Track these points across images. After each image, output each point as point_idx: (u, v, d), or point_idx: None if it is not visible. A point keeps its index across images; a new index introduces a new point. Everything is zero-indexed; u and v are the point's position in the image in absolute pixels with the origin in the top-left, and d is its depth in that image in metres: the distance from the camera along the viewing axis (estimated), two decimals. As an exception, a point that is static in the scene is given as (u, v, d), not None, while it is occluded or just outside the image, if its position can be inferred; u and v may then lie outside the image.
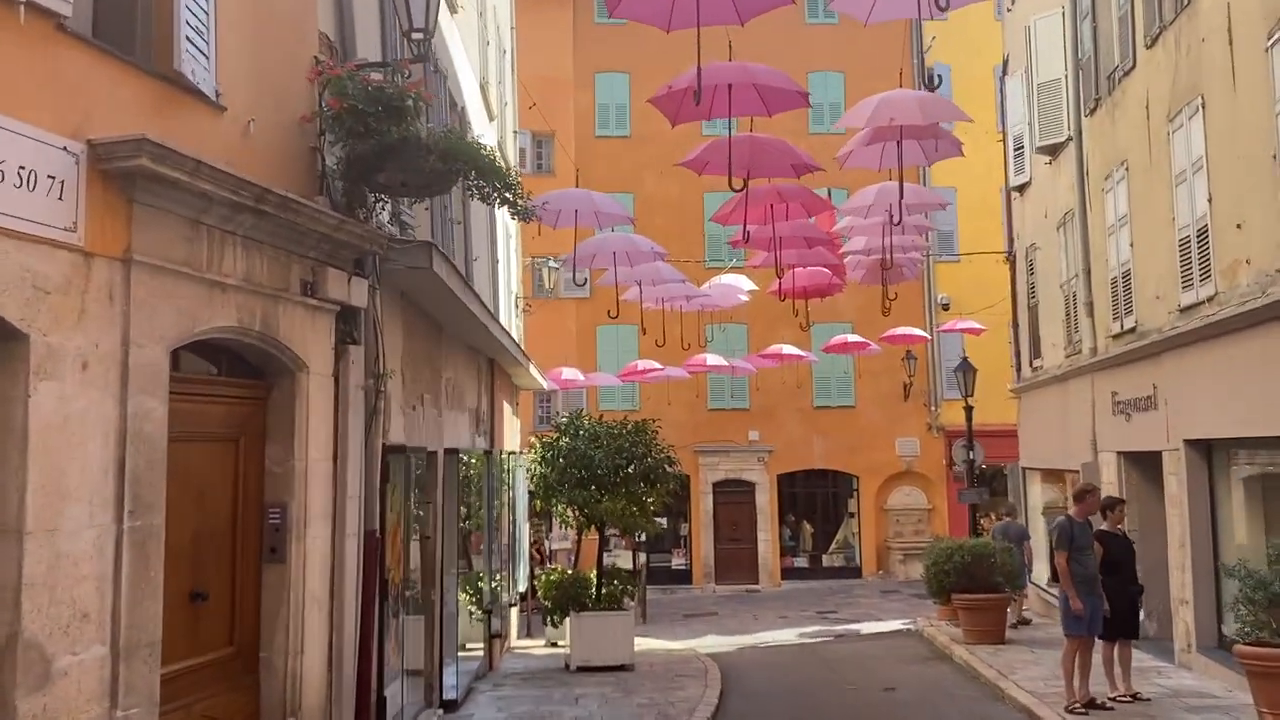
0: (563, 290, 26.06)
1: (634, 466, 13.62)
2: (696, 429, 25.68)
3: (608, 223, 9.31)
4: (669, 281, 11.40)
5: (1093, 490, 9.98)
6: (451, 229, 10.32)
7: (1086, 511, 9.70)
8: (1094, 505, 9.75)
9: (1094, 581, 9.36)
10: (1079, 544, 9.39)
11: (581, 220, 9.10)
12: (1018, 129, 17.84)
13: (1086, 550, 9.42)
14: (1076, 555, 9.34)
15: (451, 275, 7.80)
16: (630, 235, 10.37)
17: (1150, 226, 11.96)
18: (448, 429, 10.37)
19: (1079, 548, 9.38)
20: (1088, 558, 9.39)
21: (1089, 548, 9.47)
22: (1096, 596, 9.35)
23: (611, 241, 10.20)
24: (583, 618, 13.16)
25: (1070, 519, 9.64)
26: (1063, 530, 9.54)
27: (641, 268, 10.81)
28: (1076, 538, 9.38)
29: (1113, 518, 9.88)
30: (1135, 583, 9.83)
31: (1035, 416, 17.68)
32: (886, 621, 19.00)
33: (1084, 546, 9.42)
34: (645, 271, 10.98)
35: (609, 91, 26.25)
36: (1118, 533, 9.87)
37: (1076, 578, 9.31)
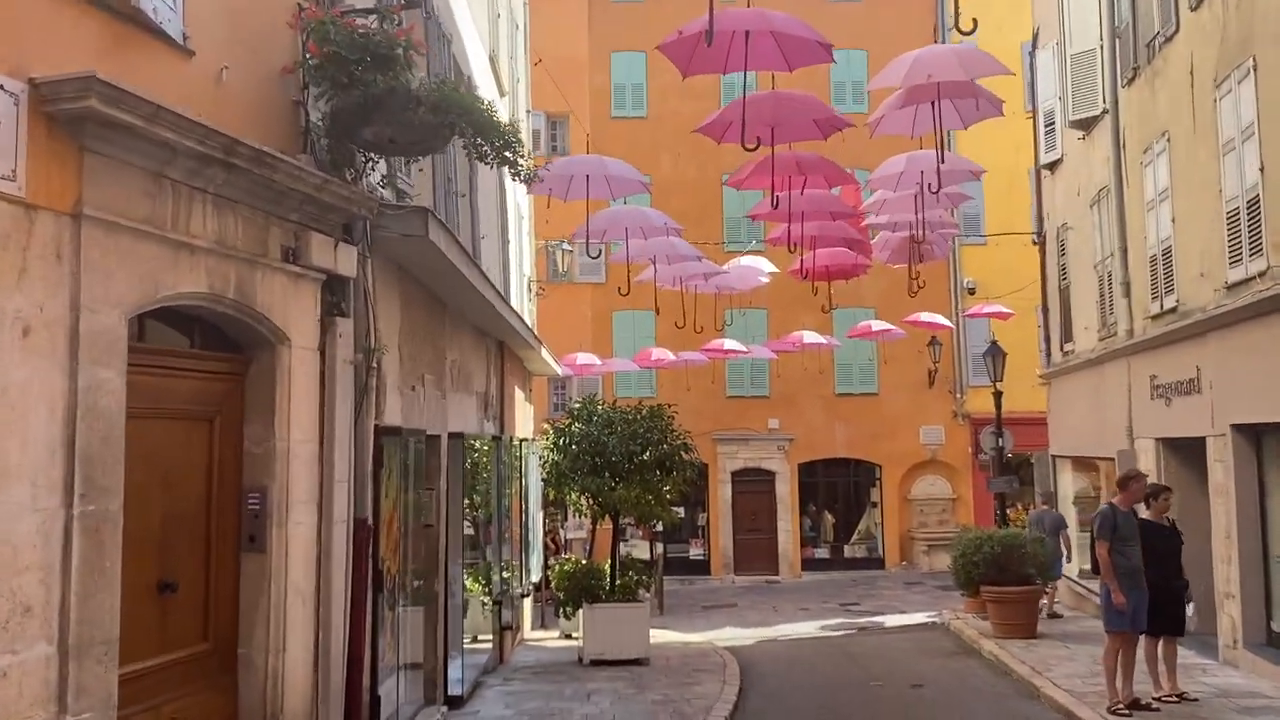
0: (578, 274, 25.56)
1: (649, 453, 13.13)
2: (715, 416, 25.12)
3: (621, 192, 8.77)
4: (686, 259, 10.83)
5: (1137, 476, 9.29)
6: (456, 202, 9.82)
7: (1131, 500, 9.08)
8: (1139, 493, 9.11)
9: (1138, 574, 8.77)
10: (1122, 534, 8.78)
11: (593, 189, 8.56)
12: (1048, 104, 17.18)
13: (1130, 541, 8.79)
14: (1119, 546, 8.74)
15: (451, 245, 7.29)
16: (643, 209, 9.82)
17: (1194, 200, 11.32)
18: (452, 412, 9.89)
19: (1122, 538, 8.77)
20: (1131, 549, 8.77)
21: (1133, 538, 8.81)
22: (1140, 590, 8.76)
23: (623, 215, 9.65)
24: (596, 610, 12.68)
25: (1113, 507, 9.03)
26: (1104, 519, 8.92)
27: (656, 243, 10.26)
28: (1120, 527, 8.78)
29: (1156, 507, 9.23)
30: (1180, 576, 9.17)
31: (1066, 403, 17.05)
32: (911, 614, 18.45)
33: (1127, 537, 8.80)
34: (660, 247, 10.44)
35: (625, 71, 25.67)
36: (1163, 523, 9.24)
37: (1119, 570, 8.71)
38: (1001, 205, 24.85)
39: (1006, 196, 24.76)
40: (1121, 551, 8.73)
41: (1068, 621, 14.74)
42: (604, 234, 9.82)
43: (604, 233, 9.80)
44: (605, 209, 10.43)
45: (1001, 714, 9.56)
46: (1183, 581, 9.12)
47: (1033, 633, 13.22)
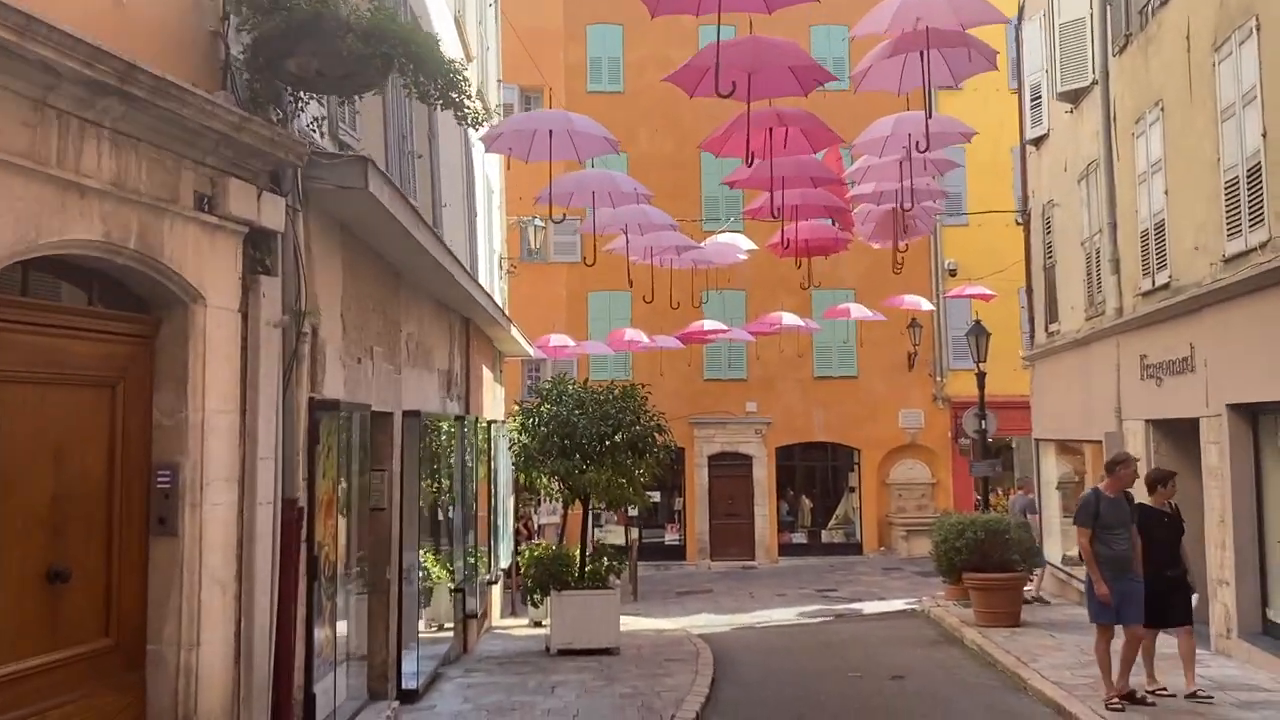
0: (552, 254, 24.91)
1: (621, 435, 12.58)
2: (692, 399, 24.60)
3: (588, 152, 8.16)
4: (658, 228, 10.24)
5: (1124, 461, 8.62)
6: (411, 163, 9.19)
7: (1119, 485, 8.45)
8: (1128, 478, 8.47)
9: (1126, 564, 8.19)
10: (1106, 521, 8.21)
11: (557, 148, 7.94)
12: (1035, 78, 16.67)
13: (1117, 529, 8.21)
14: (1102, 534, 8.19)
15: (396, 202, 6.68)
16: (612, 174, 9.21)
17: (1189, 171, 10.84)
18: (409, 389, 9.29)
19: (1106, 526, 8.20)
20: (1118, 537, 8.19)
21: (1121, 526, 8.22)
22: (1130, 580, 8.19)
23: (590, 179, 9.03)
24: (564, 597, 12.14)
25: (1097, 492, 8.47)
26: (1085, 505, 8.40)
27: (626, 211, 9.66)
28: (1103, 514, 8.22)
29: (1162, 493, 8.65)
30: (1177, 565, 8.49)
31: (1050, 385, 16.61)
32: (890, 600, 18.02)
33: (1113, 525, 8.22)
34: (631, 215, 9.85)
35: (601, 44, 24.99)
36: (1165, 509, 8.63)
37: (1102, 559, 8.17)
38: (984, 185, 24.38)
39: (989, 176, 24.32)
40: (1105, 540, 8.19)
41: (1053, 609, 14.34)
42: (570, 198, 9.19)
43: (570, 196, 9.17)
44: (573, 173, 9.80)
45: (988, 708, 9.09)
46: (1179, 570, 8.49)
47: (1016, 621, 12.79)
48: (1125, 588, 8.18)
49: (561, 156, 8.20)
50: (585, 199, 9.07)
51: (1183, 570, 8.55)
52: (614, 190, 8.98)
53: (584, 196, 9.05)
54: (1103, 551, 8.20)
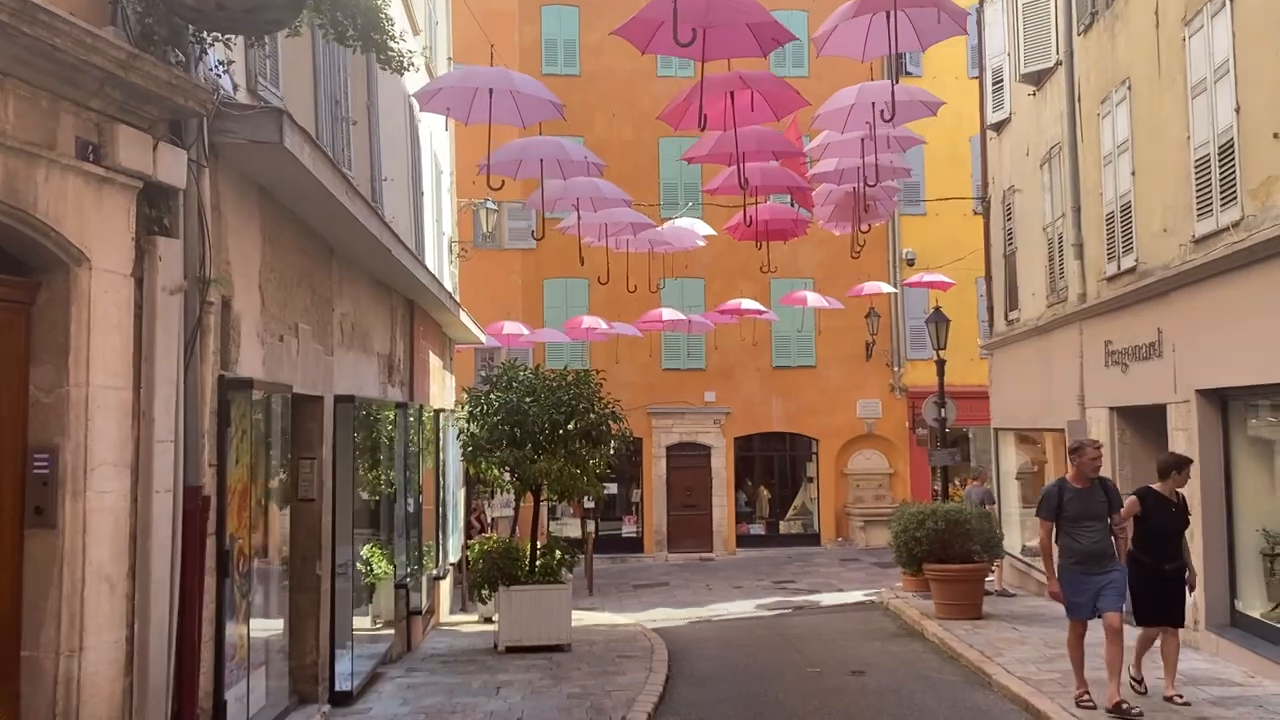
0: (507, 240, 24.32)
1: (575, 423, 12.08)
2: (650, 389, 24.18)
3: (533, 116, 7.62)
4: (613, 203, 9.73)
5: (1080, 448, 7.88)
6: (346, 130, 8.61)
7: (1083, 473, 7.81)
8: (1090, 465, 7.79)
9: (1099, 558, 7.62)
10: (1070, 513, 7.66)
11: (499, 110, 7.38)
12: (996, 61, 16.39)
13: (1086, 521, 7.62)
14: (1068, 528, 7.66)
15: (321, 165, 6.12)
16: (560, 140, 8.68)
17: (1157, 150, 10.55)
18: (341, 372, 8.71)
19: (1071, 518, 7.65)
20: (1086, 530, 7.62)
21: (1091, 518, 7.64)
22: (1104, 575, 7.61)
23: (536, 146, 8.48)
24: (513, 593, 11.62)
25: (1062, 483, 7.94)
26: (1047, 497, 7.91)
27: (577, 184, 9.13)
28: (1067, 506, 7.68)
29: (1174, 480, 7.98)
30: (1176, 559, 7.89)
31: (1010, 373, 16.37)
32: (848, 592, 17.72)
33: (1080, 516, 7.64)
34: (582, 189, 9.32)
35: (557, 25, 24.39)
36: (1172, 498, 7.99)
37: (1066, 554, 7.66)
38: (942, 174, 24.18)
39: (948, 165, 24.13)
40: (1071, 534, 7.65)
41: (1014, 601, 14.08)
42: (517, 168, 8.63)
43: (517, 166, 8.60)
44: (518, 140, 9.25)
45: (952, 705, 8.71)
46: (1177, 564, 7.91)
47: (978, 613, 12.48)
48: (1101, 580, 7.62)
49: (504, 120, 7.65)
50: (532, 169, 8.53)
51: (1182, 565, 7.98)
52: (563, 159, 8.43)
53: (531, 166, 8.50)
54: (1068, 546, 7.70)
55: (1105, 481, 7.99)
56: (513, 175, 8.77)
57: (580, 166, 8.47)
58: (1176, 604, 7.94)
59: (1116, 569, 7.71)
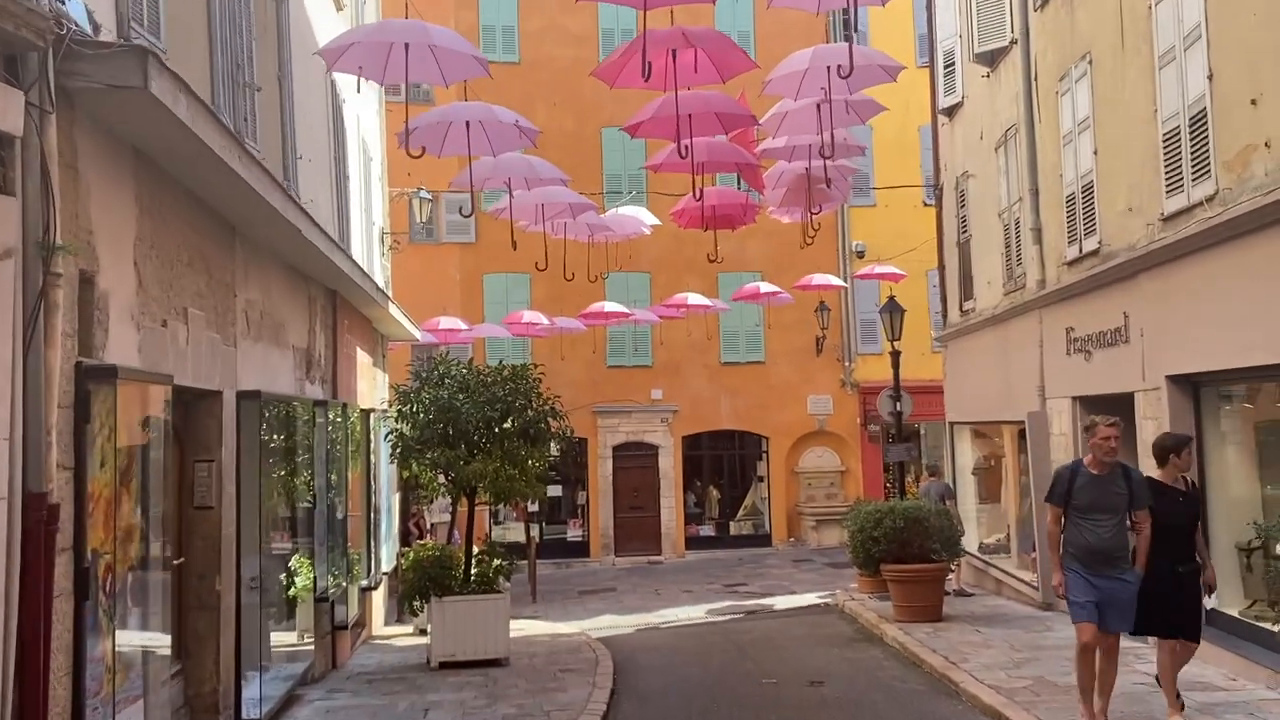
0: (445, 234, 23.42)
1: (512, 421, 11.31)
2: (595, 387, 23.42)
3: (454, 74, 6.85)
4: (548, 183, 8.98)
5: (1091, 427, 6.81)
6: (249, 98, 7.75)
7: (1097, 455, 6.71)
8: (1102, 446, 6.65)
9: (1106, 558, 6.61)
10: (1080, 502, 6.66)
11: (415, 68, 6.57)
12: (948, 43, 15.92)
13: (1097, 514, 6.60)
14: (1076, 517, 6.67)
15: (204, 122, 5.30)
16: (488, 105, 7.89)
17: (1121, 126, 10.06)
18: (248, 365, 7.86)
19: (1080, 508, 6.65)
20: (1096, 524, 6.59)
21: (1105, 511, 6.59)
22: (1113, 578, 6.61)
23: (460, 111, 7.67)
24: (446, 604, 10.82)
25: (1076, 467, 6.89)
26: (1057, 480, 6.90)
27: (509, 161, 8.37)
28: (1076, 493, 6.66)
29: (1175, 464, 6.91)
30: (1191, 558, 6.82)
31: (966, 365, 15.89)
32: (801, 594, 17.13)
33: (1090, 507, 6.62)
34: (514, 167, 8.56)
35: (495, 11, 23.53)
36: (1178, 486, 6.93)
37: (1072, 548, 6.70)
38: (891, 166, 23.74)
39: (896, 155, 23.73)
40: (1077, 525, 6.66)
41: (973, 600, 13.58)
42: (445, 133, 7.80)
43: (446, 131, 7.76)
44: (439, 106, 8.42)
45: (920, 717, 8.09)
46: (1192, 565, 6.82)
47: (939, 615, 11.93)
48: (1107, 586, 6.61)
49: (423, 78, 6.86)
50: (458, 143, 7.73)
51: (1197, 566, 6.86)
52: (490, 121, 7.64)
53: (457, 140, 7.70)
54: (1073, 539, 6.70)
55: (1129, 470, 6.88)
56: (437, 152, 7.96)
57: (512, 134, 7.69)
58: (1193, 613, 6.88)
59: (1128, 576, 6.69)
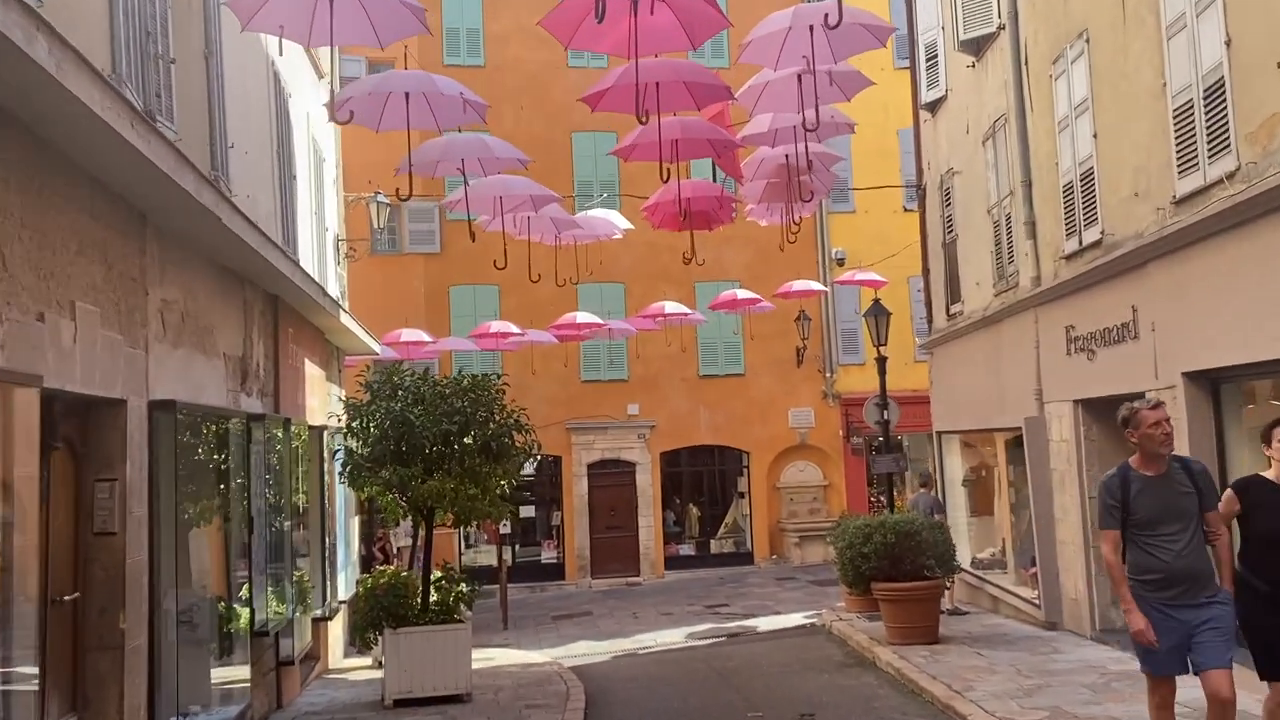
0: (408, 244, 22.53)
1: (473, 435, 10.42)
2: (569, 403, 22.54)
3: (390, 35, 6.03)
4: (505, 163, 8.14)
5: (1133, 416, 5.31)
6: (163, 73, 6.88)
7: (1149, 449, 5.27)
8: (1156, 435, 5.24)
9: (1186, 584, 5.18)
10: (1143, 515, 5.23)
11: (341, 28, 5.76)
12: (930, 35, 15.25)
13: (1166, 526, 5.19)
14: (1139, 537, 5.27)
15: (71, 67, 4.43)
16: (431, 75, 7.03)
17: (1124, 106, 9.35)
18: (164, 372, 6.95)
19: (1143, 523, 5.24)
20: (1167, 539, 5.19)
21: (1171, 520, 5.20)
22: (1199, 604, 5.18)
23: (396, 80, 6.80)
24: (401, 636, 9.89)
25: (1125, 471, 5.39)
26: (1106, 492, 5.39)
27: (461, 142, 7.53)
28: (1135, 504, 5.26)
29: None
30: None
31: (953, 372, 15.14)
32: (786, 615, 16.28)
33: (1156, 519, 5.21)
34: (470, 148, 7.72)
35: (458, 13, 22.74)
36: None
37: (1138, 573, 5.27)
38: (871, 171, 23.04)
39: (876, 160, 23.07)
40: (1144, 545, 5.24)
41: (969, 619, 12.76)
42: (381, 111, 6.94)
43: (381, 107, 6.90)
44: (376, 75, 7.56)
45: (923, 756, 7.26)
46: None
47: (934, 636, 11.12)
48: (1194, 617, 5.17)
49: (352, 38, 6.06)
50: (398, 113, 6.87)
51: None
52: (432, 94, 6.77)
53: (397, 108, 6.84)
54: (1140, 563, 5.27)
55: (1189, 463, 5.47)
56: (375, 126, 7.10)
57: (455, 105, 6.84)
58: None
59: (1219, 599, 5.26)
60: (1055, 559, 11.42)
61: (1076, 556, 10.87)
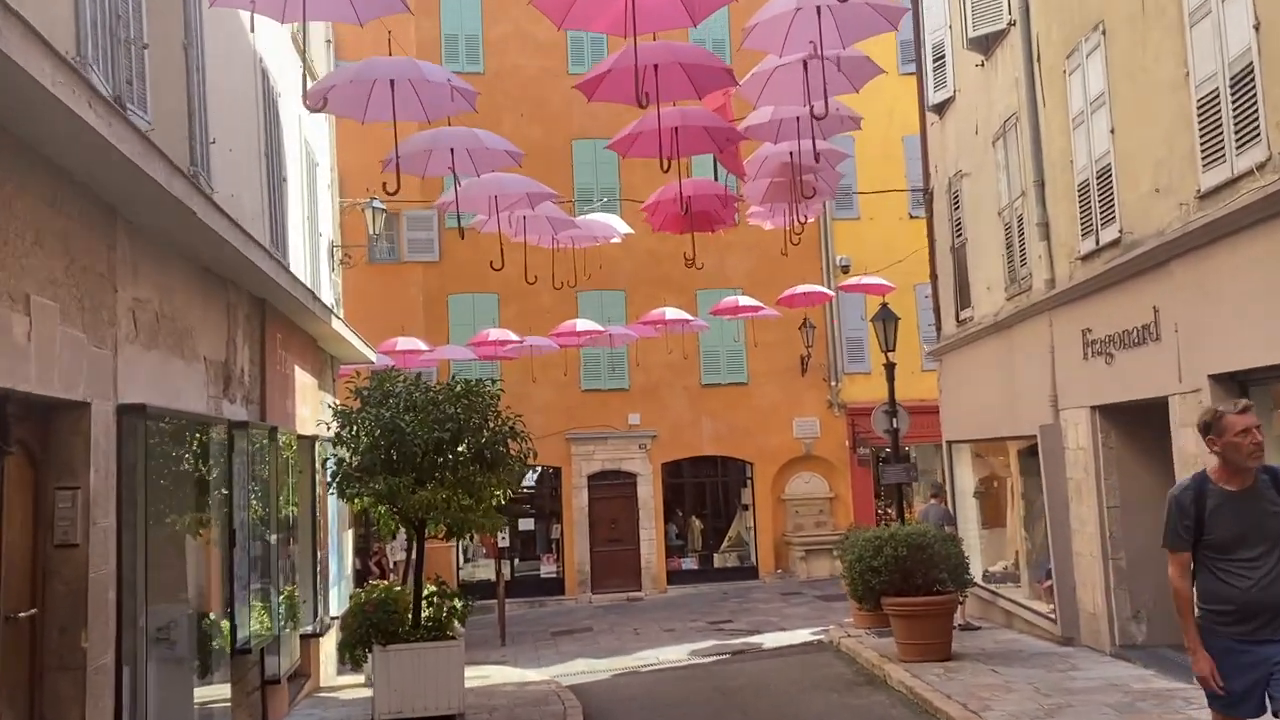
0: (407, 253, 22.18)
1: (466, 444, 10.04)
2: (568, 413, 22.15)
3: (370, 13, 5.69)
4: (496, 156, 7.79)
5: (1217, 421, 4.57)
6: (135, 59, 6.53)
7: (1234, 460, 4.54)
8: (1244, 444, 4.49)
9: (1263, 614, 4.46)
10: (1218, 537, 4.55)
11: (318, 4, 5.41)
12: (937, 35, 14.91)
13: (1247, 549, 4.49)
14: (1212, 561, 4.58)
15: (13, 30, 4.06)
16: (416, 61, 6.67)
17: (1144, 98, 8.98)
18: (135, 374, 6.56)
19: (1218, 544, 4.56)
20: (1247, 565, 4.49)
21: (1256, 542, 4.48)
22: (1276, 641, 4.46)
23: (379, 67, 6.43)
24: (390, 654, 9.48)
25: (1200, 483, 4.67)
26: (1175, 509, 4.68)
27: (451, 135, 7.18)
28: (1210, 520, 4.56)
29: None
30: None
31: (964, 379, 14.73)
32: (792, 631, 15.85)
33: (1230, 540, 4.52)
34: (460, 139, 7.37)
35: (457, 19, 22.45)
36: None
37: (1209, 603, 4.61)
38: (876, 177, 22.69)
39: (882, 166, 22.72)
40: (1219, 570, 4.55)
41: (981, 635, 12.32)
42: (366, 102, 6.58)
43: (366, 97, 6.54)
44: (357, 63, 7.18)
45: (941, 782, 6.83)
46: None
47: (948, 653, 10.69)
48: (1274, 653, 4.45)
49: (328, 14, 5.71)
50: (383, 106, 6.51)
51: None
52: (418, 81, 6.42)
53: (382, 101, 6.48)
54: (1213, 591, 4.59)
55: (1275, 470, 4.68)
56: (360, 118, 6.73)
57: (442, 93, 6.48)
58: None
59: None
60: (1071, 572, 11.00)
61: (1094, 569, 10.45)
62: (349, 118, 6.69)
